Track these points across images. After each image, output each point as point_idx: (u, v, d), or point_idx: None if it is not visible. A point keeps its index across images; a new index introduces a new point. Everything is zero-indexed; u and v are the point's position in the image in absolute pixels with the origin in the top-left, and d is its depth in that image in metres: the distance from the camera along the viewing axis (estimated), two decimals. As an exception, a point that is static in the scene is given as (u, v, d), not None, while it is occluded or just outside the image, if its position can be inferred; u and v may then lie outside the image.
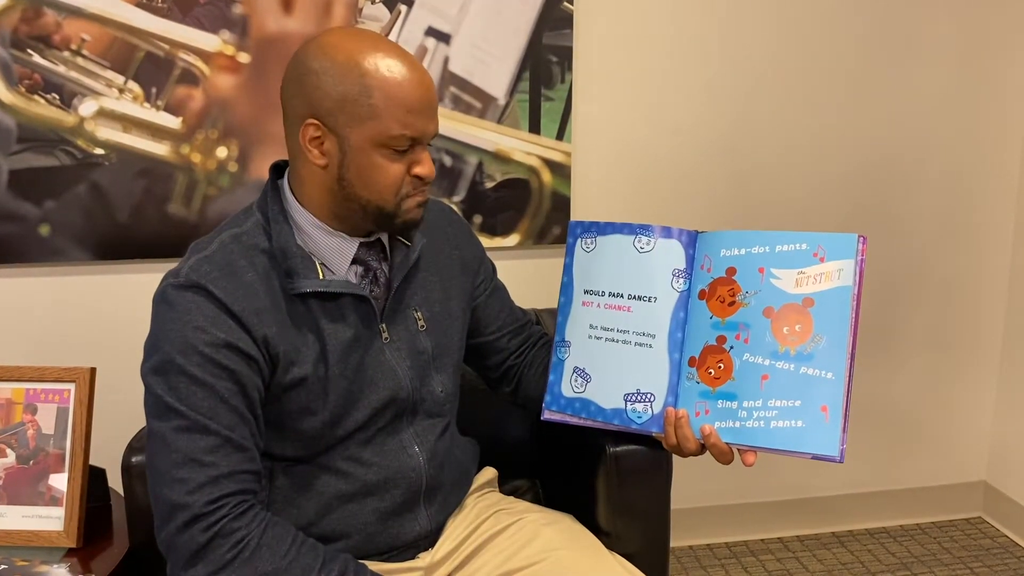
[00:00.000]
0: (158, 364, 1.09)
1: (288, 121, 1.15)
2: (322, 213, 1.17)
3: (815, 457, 1.11)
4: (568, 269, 1.29)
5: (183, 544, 1.05)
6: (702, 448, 1.18)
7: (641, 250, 1.23)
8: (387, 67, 1.09)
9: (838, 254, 1.13)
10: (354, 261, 1.20)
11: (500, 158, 1.99)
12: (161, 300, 1.11)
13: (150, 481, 1.09)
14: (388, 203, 1.14)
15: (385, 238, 1.24)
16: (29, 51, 1.76)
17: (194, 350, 1.07)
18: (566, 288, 1.29)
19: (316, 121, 1.11)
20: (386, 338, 1.22)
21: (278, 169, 1.23)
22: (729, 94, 2.09)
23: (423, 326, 1.26)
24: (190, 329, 1.08)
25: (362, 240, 1.20)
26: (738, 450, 1.16)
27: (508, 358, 1.43)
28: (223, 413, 1.08)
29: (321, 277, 1.16)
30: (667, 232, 1.22)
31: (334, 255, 1.18)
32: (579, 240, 1.29)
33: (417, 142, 1.13)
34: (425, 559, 1.27)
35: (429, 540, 1.28)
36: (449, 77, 1.92)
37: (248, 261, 1.13)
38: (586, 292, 1.27)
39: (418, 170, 1.14)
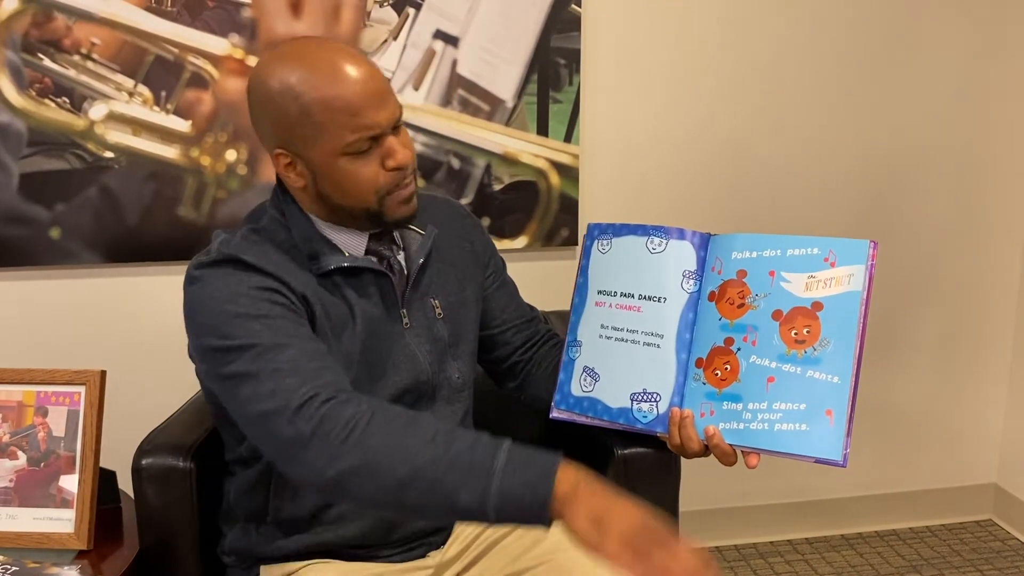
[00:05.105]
0: (204, 325, 1.09)
1: (263, 144, 1.18)
2: (323, 217, 1.20)
3: (818, 461, 1.11)
4: (584, 270, 1.30)
5: (289, 441, 0.99)
6: (706, 449, 1.18)
7: (653, 251, 1.23)
8: (316, 82, 1.08)
9: (849, 259, 1.13)
10: (367, 252, 1.23)
11: (508, 160, 1.99)
12: (192, 280, 1.12)
13: (245, 420, 1.06)
14: (371, 203, 1.15)
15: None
16: (39, 55, 1.77)
17: (240, 294, 1.08)
18: (581, 289, 1.30)
19: (281, 150, 1.13)
20: (407, 324, 1.25)
21: None
22: (737, 96, 2.09)
23: (440, 314, 1.28)
24: (233, 283, 1.09)
25: (372, 232, 1.23)
26: (742, 452, 1.16)
27: (514, 353, 1.44)
28: (290, 336, 1.06)
29: (346, 255, 1.19)
30: (680, 234, 1.22)
31: (348, 246, 1.21)
32: (595, 241, 1.29)
33: (379, 136, 1.13)
34: (436, 557, 1.28)
35: (440, 538, 1.29)
36: (457, 80, 1.92)
37: (272, 247, 1.16)
38: (600, 292, 1.27)
39: (390, 162, 1.14)
